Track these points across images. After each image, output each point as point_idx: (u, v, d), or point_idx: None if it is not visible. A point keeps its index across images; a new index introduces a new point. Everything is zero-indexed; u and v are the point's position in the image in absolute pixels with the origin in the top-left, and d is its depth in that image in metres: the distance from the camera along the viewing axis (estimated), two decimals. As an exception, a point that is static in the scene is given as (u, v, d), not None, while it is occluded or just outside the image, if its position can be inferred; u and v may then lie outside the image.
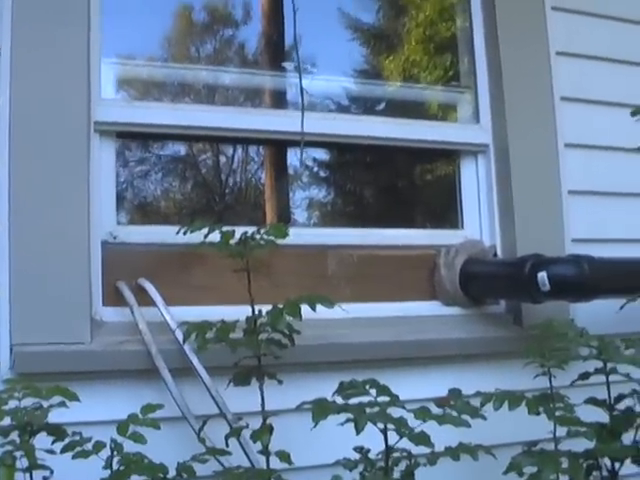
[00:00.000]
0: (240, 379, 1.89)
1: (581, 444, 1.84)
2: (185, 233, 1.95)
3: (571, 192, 2.68)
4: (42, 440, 1.61)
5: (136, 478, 1.63)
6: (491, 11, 2.74)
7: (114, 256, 2.18)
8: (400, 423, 1.66)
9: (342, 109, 3.01)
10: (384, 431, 1.68)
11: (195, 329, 1.85)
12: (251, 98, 2.91)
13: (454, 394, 1.81)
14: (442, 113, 2.98)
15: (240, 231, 1.94)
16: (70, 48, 2.11)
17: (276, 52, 2.89)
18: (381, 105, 3.09)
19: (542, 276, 2.21)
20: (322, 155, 3.05)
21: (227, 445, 1.82)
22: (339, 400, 1.73)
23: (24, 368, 1.91)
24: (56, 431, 1.63)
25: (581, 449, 1.85)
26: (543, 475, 1.73)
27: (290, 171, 2.84)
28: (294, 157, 2.74)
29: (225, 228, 1.93)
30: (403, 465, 1.79)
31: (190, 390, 2.01)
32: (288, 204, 2.90)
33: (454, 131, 2.77)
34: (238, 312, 1.88)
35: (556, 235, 2.62)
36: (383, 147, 2.69)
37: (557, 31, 2.76)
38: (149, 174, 2.83)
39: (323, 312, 1.84)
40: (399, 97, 3.06)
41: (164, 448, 1.72)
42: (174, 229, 2.02)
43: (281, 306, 1.85)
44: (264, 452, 1.81)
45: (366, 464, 1.81)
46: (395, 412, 1.69)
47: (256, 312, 1.88)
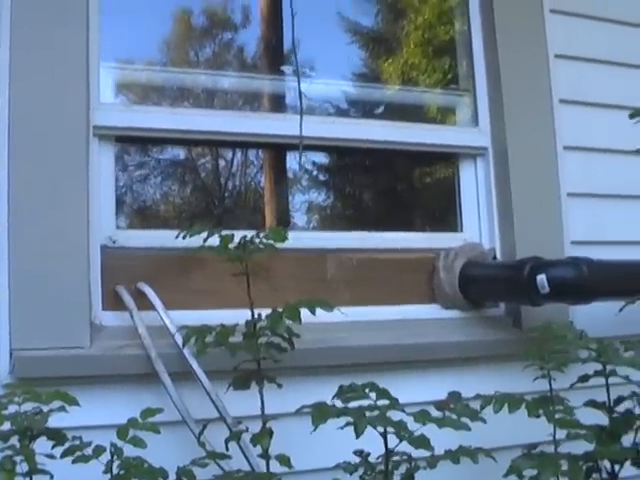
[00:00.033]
0: (240, 383, 1.89)
1: (581, 446, 1.84)
2: (184, 237, 1.96)
3: (570, 194, 2.69)
4: (42, 445, 1.60)
5: (136, 482, 1.63)
6: (489, 14, 2.74)
7: (113, 260, 2.19)
8: (400, 426, 1.66)
9: (341, 113, 3.01)
10: (384, 434, 1.69)
11: (194, 333, 1.84)
12: (250, 102, 2.91)
13: (454, 397, 1.82)
14: (441, 116, 2.99)
15: (239, 235, 1.94)
16: (69, 50, 2.11)
17: (275, 56, 2.89)
18: (380, 108, 3.09)
19: (541, 279, 2.21)
20: (321, 159, 3.05)
21: (227, 449, 1.82)
22: (339, 404, 1.73)
23: (24, 373, 1.91)
24: (56, 435, 1.63)
25: (581, 451, 1.85)
26: (543, 478, 1.73)
27: (289, 175, 2.84)
28: (293, 161, 2.74)
29: (224, 232, 1.93)
30: (403, 468, 1.79)
31: (190, 394, 2.01)
32: (287, 208, 2.89)
33: (453, 134, 2.78)
34: (237, 316, 1.88)
35: (555, 237, 2.62)
36: (382, 150, 2.69)
37: (555, 34, 2.77)
38: (148, 178, 2.83)
39: (322, 316, 1.84)
40: (398, 100, 3.06)
41: (164, 452, 1.71)
42: (173, 233, 2.02)
43: (281, 310, 1.85)
44: (264, 456, 1.81)
45: (366, 468, 1.81)
46: (395, 415, 1.69)
47: (255, 316, 1.88)
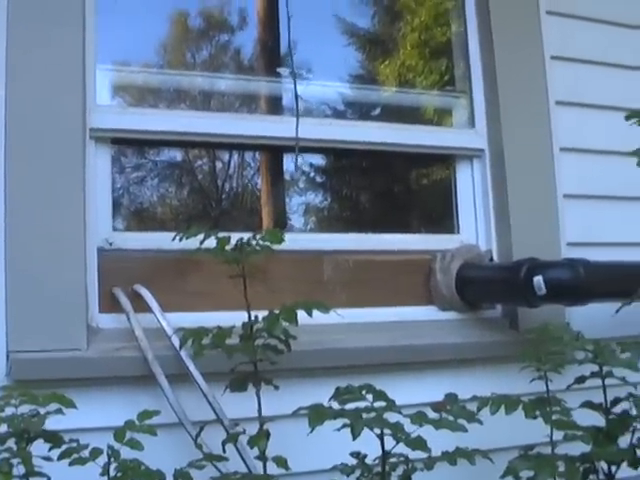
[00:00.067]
0: (236, 385, 1.89)
1: (578, 448, 1.84)
2: (181, 239, 1.95)
3: (566, 196, 2.69)
4: (39, 447, 1.60)
5: (133, 484, 1.63)
6: (486, 16, 2.74)
7: (110, 262, 2.18)
8: (397, 428, 1.66)
9: (338, 114, 3.01)
10: (381, 436, 1.69)
11: (191, 335, 1.85)
12: (247, 104, 2.91)
13: (450, 399, 1.81)
14: (437, 118, 2.99)
15: (236, 237, 1.94)
16: (66, 50, 2.11)
17: (272, 58, 2.89)
18: (377, 110, 3.09)
19: (538, 280, 2.22)
20: (318, 160, 3.05)
21: (224, 451, 1.82)
22: (335, 405, 1.73)
23: (20, 375, 1.91)
24: (53, 438, 1.63)
25: (578, 453, 1.85)
26: (540, 479, 1.73)
27: (286, 177, 2.84)
28: (290, 163, 2.73)
29: (221, 234, 1.93)
30: (400, 470, 1.80)
31: (187, 396, 2.01)
32: (284, 210, 2.89)
33: (450, 136, 2.78)
34: (234, 318, 1.88)
35: (552, 239, 2.62)
36: (379, 152, 2.69)
37: (552, 35, 2.77)
38: (145, 180, 2.83)
39: (319, 317, 1.84)
40: (395, 102, 3.06)
41: (161, 454, 1.71)
42: (170, 235, 2.02)
43: (277, 312, 1.85)
44: (261, 458, 1.81)
45: (363, 469, 1.81)
46: (391, 417, 1.69)
47: (252, 318, 1.88)
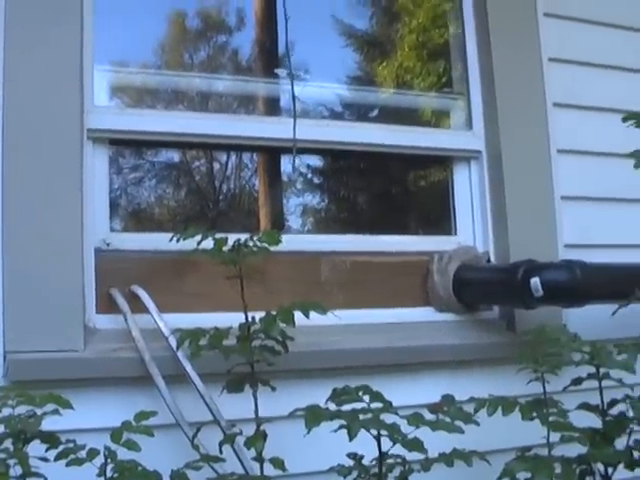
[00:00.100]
0: (233, 386, 1.88)
1: (574, 449, 1.85)
2: (178, 240, 1.95)
3: (564, 198, 2.69)
4: (36, 448, 1.60)
5: (130, 485, 1.63)
6: (483, 18, 2.75)
7: (107, 263, 2.18)
8: (393, 429, 1.66)
9: (335, 116, 3.01)
10: (377, 437, 1.69)
11: (188, 336, 1.84)
12: (244, 105, 2.91)
13: (447, 400, 1.81)
14: (435, 119, 2.99)
15: (233, 238, 1.94)
16: (63, 51, 2.11)
17: (270, 59, 2.89)
18: (374, 112, 3.09)
19: (535, 282, 2.22)
20: (316, 162, 3.05)
21: (221, 452, 1.82)
22: (332, 406, 1.73)
23: (17, 376, 1.91)
24: (50, 439, 1.62)
25: (574, 454, 1.86)
26: (536, 480, 1.74)
27: (284, 178, 2.84)
28: (288, 164, 2.73)
29: (218, 235, 1.93)
30: (397, 471, 1.80)
31: (184, 397, 2.01)
32: (282, 211, 2.89)
33: (447, 137, 2.78)
34: (231, 319, 1.88)
35: (549, 241, 2.63)
36: (376, 154, 2.69)
37: (549, 37, 2.78)
38: (142, 181, 2.83)
39: (316, 319, 1.84)
40: (392, 103, 3.06)
41: (158, 455, 1.70)
42: (167, 236, 2.01)
43: (274, 313, 1.84)
44: (258, 459, 1.81)
45: (360, 470, 1.81)
46: (388, 418, 1.69)
47: (249, 319, 1.87)
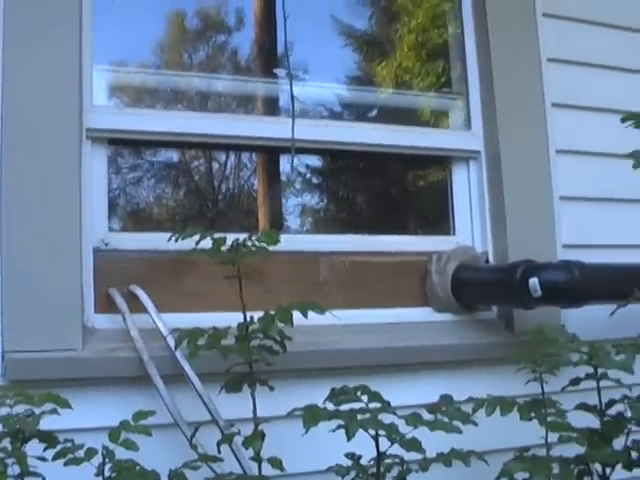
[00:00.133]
0: (232, 386, 1.88)
1: (572, 449, 1.84)
2: (177, 240, 1.95)
3: (562, 198, 2.69)
4: (34, 447, 1.60)
5: (128, 485, 1.63)
6: (482, 18, 2.75)
7: (106, 263, 2.18)
8: (391, 429, 1.66)
9: (334, 116, 3.01)
10: (375, 437, 1.69)
11: (187, 336, 1.84)
12: (244, 105, 2.91)
13: (445, 400, 1.81)
14: (434, 120, 2.99)
15: (232, 238, 1.94)
16: (62, 50, 2.11)
17: (269, 59, 2.89)
18: (373, 112, 3.09)
19: (533, 282, 2.22)
20: (315, 162, 3.05)
21: (219, 452, 1.82)
22: (330, 406, 1.73)
23: (16, 375, 1.91)
24: (48, 438, 1.62)
25: (572, 454, 1.85)
26: (534, 480, 1.74)
27: (283, 178, 2.84)
28: (287, 164, 2.74)
29: (217, 235, 1.93)
30: (395, 471, 1.80)
31: (182, 397, 2.01)
32: (281, 210, 2.89)
33: (446, 138, 2.78)
34: (230, 319, 1.88)
35: (547, 241, 2.63)
36: (375, 154, 2.69)
37: (548, 37, 2.78)
38: (141, 181, 2.83)
39: (315, 318, 1.84)
40: (391, 104, 3.06)
41: (156, 455, 1.71)
42: (166, 236, 2.01)
43: (273, 312, 1.84)
44: (256, 459, 1.81)
45: (358, 470, 1.81)
46: (386, 418, 1.69)
47: (248, 319, 1.88)
